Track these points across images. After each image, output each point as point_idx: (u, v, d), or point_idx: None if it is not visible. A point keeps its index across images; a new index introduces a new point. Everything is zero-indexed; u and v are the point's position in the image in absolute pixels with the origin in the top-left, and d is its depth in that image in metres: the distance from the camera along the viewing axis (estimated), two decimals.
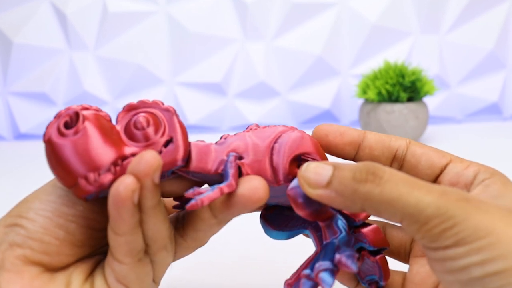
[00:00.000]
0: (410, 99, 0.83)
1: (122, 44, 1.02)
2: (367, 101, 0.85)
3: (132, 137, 0.20)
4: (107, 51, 1.02)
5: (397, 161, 0.23)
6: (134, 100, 1.05)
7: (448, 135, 0.93)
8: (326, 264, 0.20)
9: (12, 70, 1.03)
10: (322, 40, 1.04)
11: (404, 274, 0.25)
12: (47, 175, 0.71)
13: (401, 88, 0.80)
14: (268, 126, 0.22)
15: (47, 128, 0.19)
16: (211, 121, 1.07)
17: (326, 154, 0.23)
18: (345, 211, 0.22)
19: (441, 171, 0.22)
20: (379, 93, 0.81)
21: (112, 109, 1.05)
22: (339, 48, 1.06)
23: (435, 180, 0.22)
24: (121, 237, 0.18)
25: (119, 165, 0.19)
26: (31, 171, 0.76)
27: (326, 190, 0.18)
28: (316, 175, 0.19)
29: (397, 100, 0.81)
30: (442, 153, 0.22)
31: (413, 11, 1.04)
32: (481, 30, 1.06)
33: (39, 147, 0.95)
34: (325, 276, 0.19)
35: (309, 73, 1.06)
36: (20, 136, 1.06)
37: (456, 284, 0.17)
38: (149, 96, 1.05)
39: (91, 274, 0.21)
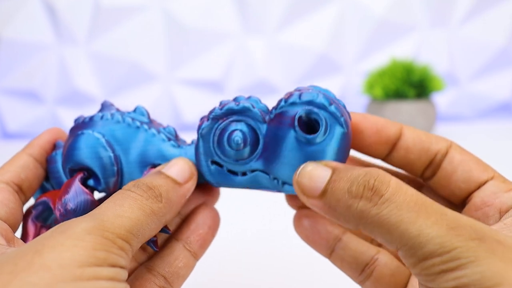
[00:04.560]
0: (418, 97, 0.79)
1: (115, 39, 0.98)
2: (374, 99, 0.81)
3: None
4: (100, 47, 0.98)
5: (433, 167, 0.20)
6: (128, 98, 1.01)
7: (458, 135, 0.89)
8: None
9: None
10: (325, 35, 1.00)
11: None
12: None
13: (409, 85, 0.77)
14: None
15: None
16: None
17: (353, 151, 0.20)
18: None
19: (478, 187, 0.19)
20: (386, 90, 0.78)
21: None
22: (343, 44, 1.01)
23: (469, 195, 0.19)
24: None
25: None
26: None
27: (320, 201, 0.16)
28: (310, 181, 0.16)
29: (404, 97, 0.78)
30: (484, 166, 0.19)
31: (421, 4, 1.00)
32: (493, 24, 1.01)
33: None
34: None
35: (311, 69, 1.02)
36: (8, 135, 1.02)
37: None
38: (144, 94, 1.01)
39: None
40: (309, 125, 0.18)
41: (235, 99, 0.19)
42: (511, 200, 0.17)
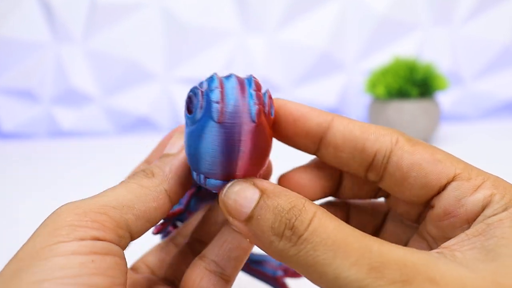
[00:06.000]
0: (421, 96, 0.77)
1: (113, 38, 0.96)
2: (376, 98, 0.80)
3: None
4: (97, 45, 0.96)
5: (375, 171, 0.17)
6: (125, 97, 0.99)
7: (462, 135, 0.87)
8: None
9: None
10: (327, 33, 0.98)
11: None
12: (33, 178, 0.65)
13: (412, 84, 0.75)
14: None
15: None
16: None
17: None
18: None
19: (439, 192, 0.16)
20: (389, 89, 0.76)
21: (101, 107, 0.99)
22: (345, 42, 1.00)
23: (431, 199, 0.16)
24: None
25: None
26: (15, 173, 0.70)
27: (245, 227, 0.14)
28: (236, 204, 0.15)
29: (407, 96, 0.76)
30: (443, 163, 0.15)
31: (424, 2, 0.99)
32: (497, 22, 1.00)
33: (24, 147, 0.89)
34: None
35: (312, 68, 1.00)
36: (3, 135, 1.00)
37: None
38: (142, 93, 0.99)
39: None
40: None
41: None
42: (478, 205, 0.14)
